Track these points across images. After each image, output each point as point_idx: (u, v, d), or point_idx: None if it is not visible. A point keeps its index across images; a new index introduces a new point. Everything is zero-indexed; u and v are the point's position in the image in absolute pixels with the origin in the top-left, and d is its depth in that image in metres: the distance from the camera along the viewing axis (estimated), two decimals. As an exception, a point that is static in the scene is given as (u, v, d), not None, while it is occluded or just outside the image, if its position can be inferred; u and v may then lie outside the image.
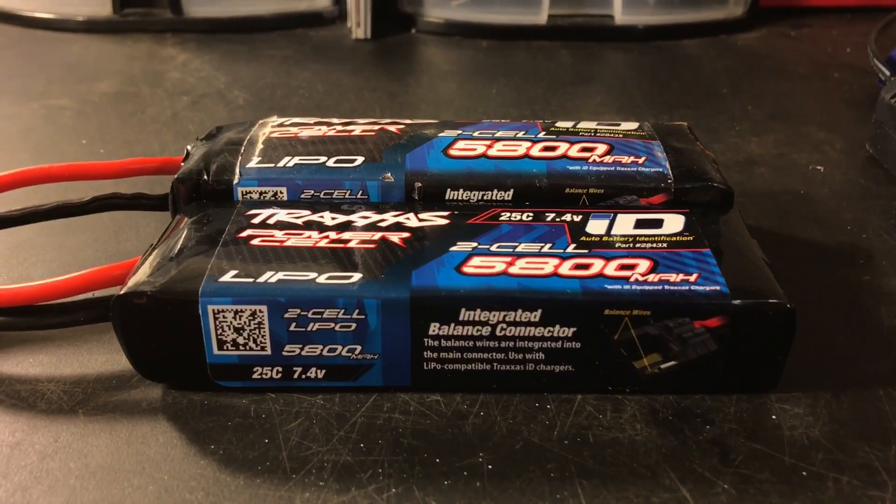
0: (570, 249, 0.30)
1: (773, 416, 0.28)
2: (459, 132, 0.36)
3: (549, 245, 0.30)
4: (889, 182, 0.45)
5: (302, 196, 0.34)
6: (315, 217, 0.32)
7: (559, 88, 0.60)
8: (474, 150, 0.35)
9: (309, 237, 0.30)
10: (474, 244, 0.30)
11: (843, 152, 0.49)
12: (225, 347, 0.28)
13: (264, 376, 0.29)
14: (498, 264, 0.29)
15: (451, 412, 0.29)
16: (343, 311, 0.28)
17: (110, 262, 0.32)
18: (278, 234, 0.31)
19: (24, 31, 0.72)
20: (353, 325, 0.28)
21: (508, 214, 0.32)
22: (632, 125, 0.38)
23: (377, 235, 0.31)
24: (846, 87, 0.60)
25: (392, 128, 0.37)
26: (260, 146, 0.35)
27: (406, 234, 0.31)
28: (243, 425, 0.28)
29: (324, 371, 0.29)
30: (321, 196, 0.34)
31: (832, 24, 0.74)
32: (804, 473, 0.26)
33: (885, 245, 0.39)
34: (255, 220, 0.31)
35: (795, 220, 0.41)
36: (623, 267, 0.29)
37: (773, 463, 0.27)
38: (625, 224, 0.31)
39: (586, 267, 0.29)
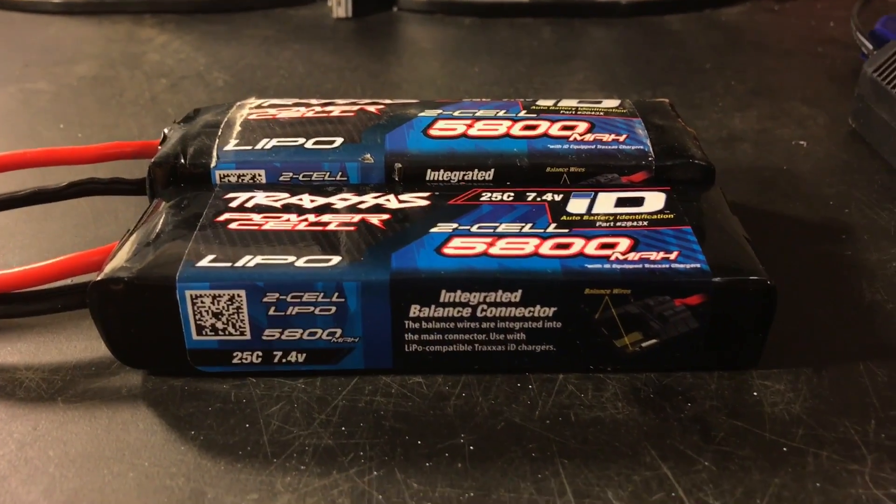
0: (551, 229, 0.30)
1: (755, 393, 0.29)
2: (440, 112, 0.36)
3: (529, 225, 0.30)
4: (871, 157, 0.45)
5: (280, 179, 0.33)
6: (294, 200, 0.31)
7: (542, 66, 0.59)
8: (454, 129, 0.35)
9: (288, 220, 0.30)
10: (455, 225, 0.30)
11: (826, 127, 0.49)
12: (204, 333, 0.28)
13: (244, 361, 0.29)
14: (478, 245, 0.29)
15: (433, 394, 0.29)
16: (322, 294, 0.28)
17: (89, 247, 0.31)
18: (256, 217, 0.30)
19: (-1, 14, 0.71)
20: (333, 309, 0.28)
21: (489, 195, 0.32)
22: (613, 103, 0.37)
23: (357, 217, 0.30)
24: (830, 62, 0.59)
25: (371, 108, 0.37)
26: (237, 128, 0.35)
27: (386, 216, 0.30)
28: (224, 410, 0.28)
29: (304, 355, 0.29)
30: (300, 178, 0.33)
31: (816, -2, 0.74)
32: (784, 449, 0.26)
33: (866, 220, 0.39)
34: (233, 204, 0.31)
35: (778, 196, 0.41)
36: (603, 246, 0.29)
37: (753, 439, 0.27)
38: (606, 203, 0.31)
39: (567, 247, 0.29)
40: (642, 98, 0.52)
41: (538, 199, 0.32)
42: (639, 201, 0.31)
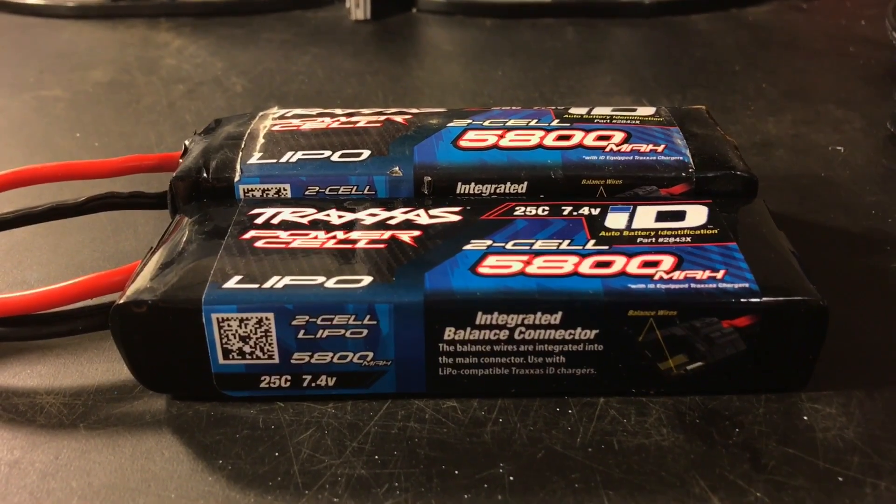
0: (590, 246, 0.28)
1: (805, 417, 0.27)
2: (469, 122, 0.35)
3: (567, 241, 0.29)
4: (912, 162, 0.44)
5: (306, 193, 0.32)
6: (321, 216, 0.30)
7: (567, 68, 0.58)
8: (485, 140, 0.33)
9: (315, 238, 0.29)
10: (489, 242, 0.29)
11: (864, 131, 0.47)
12: (231, 356, 0.27)
13: (272, 385, 0.28)
14: (514, 264, 0.28)
15: (469, 419, 0.27)
16: (354, 316, 0.26)
17: (108, 263, 0.30)
18: (283, 234, 0.29)
19: (12, 18, 0.71)
20: (365, 332, 0.27)
21: (523, 209, 0.31)
22: (648, 110, 0.36)
23: (386, 234, 0.29)
24: (863, 62, 0.58)
25: (398, 118, 0.35)
26: (261, 140, 0.34)
27: (417, 233, 0.29)
28: (252, 437, 0.27)
29: (334, 379, 0.28)
30: (326, 192, 0.32)
31: (844, -4, 0.72)
32: (840, 479, 0.25)
33: (911, 230, 0.37)
34: (259, 221, 0.30)
35: (817, 205, 0.40)
36: (646, 264, 0.28)
37: (806, 468, 0.25)
38: (646, 217, 0.30)
39: (608, 265, 0.27)
40: (672, 101, 0.51)
41: (574, 213, 0.30)
42: (680, 215, 0.30)
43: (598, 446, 0.26)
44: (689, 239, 0.29)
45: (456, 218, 0.30)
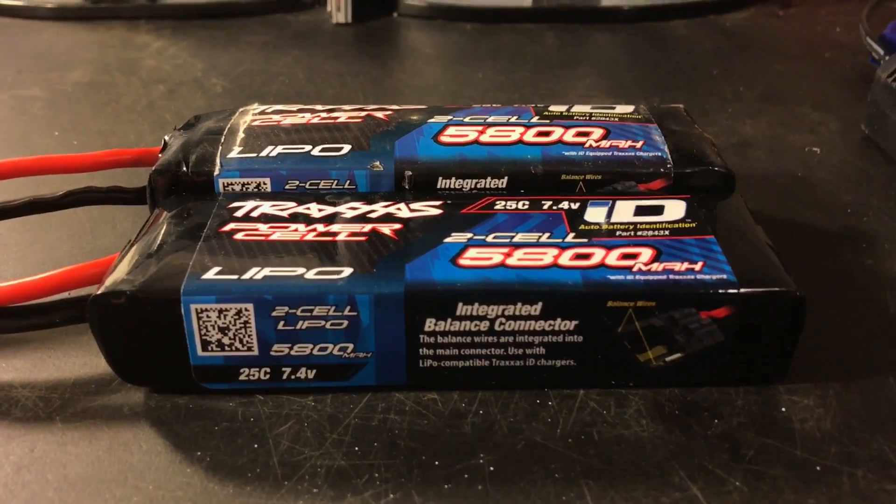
0: (570, 239, 0.29)
1: (783, 409, 0.27)
2: (450, 118, 0.35)
3: (547, 234, 0.29)
4: (887, 163, 0.44)
5: (286, 187, 0.32)
6: (301, 209, 0.30)
7: (547, 72, 0.58)
8: (466, 136, 0.34)
9: (295, 230, 0.29)
10: (469, 235, 0.29)
11: (839, 133, 0.48)
12: (209, 348, 0.27)
13: (252, 378, 0.28)
14: (495, 256, 0.28)
15: (449, 411, 0.27)
16: (334, 307, 0.26)
17: (86, 259, 0.30)
18: (263, 227, 0.29)
19: (-9, 20, 0.70)
20: (345, 323, 0.27)
21: (503, 203, 0.31)
22: (627, 108, 0.36)
23: (367, 227, 0.29)
24: (838, 67, 0.59)
25: (379, 114, 0.35)
26: (241, 135, 0.34)
27: (397, 226, 0.29)
28: (231, 430, 0.27)
29: (314, 371, 0.28)
30: (306, 187, 0.32)
31: (820, 3, 0.73)
32: (818, 468, 0.25)
33: (886, 228, 0.38)
34: (238, 214, 0.30)
35: (794, 204, 0.40)
36: (625, 256, 0.28)
37: (785, 457, 0.26)
38: (624, 211, 0.30)
39: (587, 257, 0.28)
40: (651, 103, 0.51)
41: (554, 207, 0.31)
42: (659, 210, 0.30)
43: (577, 437, 0.26)
44: (667, 232, 0.29)
45: (436, 212, 0.30)
